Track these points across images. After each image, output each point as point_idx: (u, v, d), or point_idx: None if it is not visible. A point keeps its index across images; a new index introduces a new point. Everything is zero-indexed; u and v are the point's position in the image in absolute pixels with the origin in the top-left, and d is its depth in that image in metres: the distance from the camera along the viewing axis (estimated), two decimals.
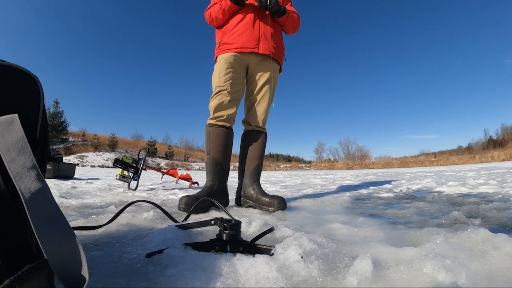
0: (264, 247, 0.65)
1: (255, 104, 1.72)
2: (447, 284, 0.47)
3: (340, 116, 73.47)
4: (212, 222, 0.73)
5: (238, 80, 1.66)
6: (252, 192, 1.64)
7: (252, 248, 0.66)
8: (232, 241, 0.67)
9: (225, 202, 1.67)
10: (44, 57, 70.27)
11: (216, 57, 1.71)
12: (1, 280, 0.33)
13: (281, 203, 1.51)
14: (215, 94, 1.63)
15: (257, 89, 1.71)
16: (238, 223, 0.69)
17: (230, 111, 1.63)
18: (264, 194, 1.60)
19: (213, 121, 1.63)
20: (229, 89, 1.61)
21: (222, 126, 1.64)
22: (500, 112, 56.91)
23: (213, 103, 1.63)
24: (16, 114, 0.44)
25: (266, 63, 1.69)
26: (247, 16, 1.63)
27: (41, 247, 0.36)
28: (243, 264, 0.55)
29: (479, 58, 72.28)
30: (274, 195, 1.58)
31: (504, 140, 35.96)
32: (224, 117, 1.62)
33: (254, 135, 1.73)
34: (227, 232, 0.67)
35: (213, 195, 1.56)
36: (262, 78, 1.70)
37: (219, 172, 1.63)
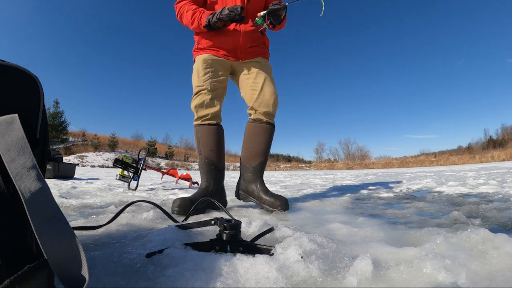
0: (264, 247, 0.65)
1: (260, 89, 1.58)
2: (447, 284, 0.47)
3: (340, 116, 73.46)
4: (212, 222, 0.73)
5: (218, 78, 1.60)
6: (255, 188, 1.57)
7: (252, 248, 0.66)
8: (232, 241, 0.67)
9: (223, 203, 1.62)
10: (44, 57, 70.35)
11: (195, 58, 1.66)
12: (1, 280, 0.33)
13: (283, 204, 1.45)
14: (195, 94, 1.60)
15: (254, 75, 1.61)
16: (238, 223, 0.69)
17: (214, 109, 1.60)
18: (267, 192, 1.53)
19: (199, 122, 1.61)
20: (208, 88, 1.58)
21: (209, 125, 1.60)
22: (500, 112, 56.92)
23: (194, 103, 1.60)
24: (16, 114, 0.44)
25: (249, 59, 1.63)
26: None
27: (41, 247, 0.36)
28: (243, 264, 0.55)
29: (480, 58, 72.26)
30: (277, 195, 1.51)
31: (504, 140, 35.96)
32: (209, 116, 1.59)
33: (262, 126, 1.59)
34: (227, 232, 0.67)
35: (209, 197, 1.53)
36: (253, 68, 1.62)
37: (213, 172, 1.59)
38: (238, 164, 1.76)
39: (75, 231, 0.41)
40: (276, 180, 5.78)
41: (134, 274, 0.56)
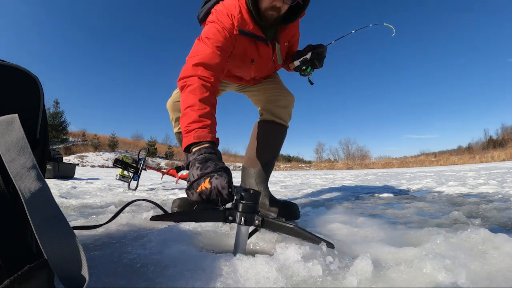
0: (284, 224, 0.60)
1: (281, 95, 1.46)
2: (447, 284, 0.47)
3: (340, 116, 73.53)
4: (222, 209, 0.66)
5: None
6: None
7: (270, 224, 0.61)
8: (249, 212, 0.61)
9: None
10: (44, 57, 70.37)
11: None
12: (1, 280, 0.33)
13: (292, 213, 1.21)
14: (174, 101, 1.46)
15: (269, 83, 1.50)
16: (257, 193, 0.62)
17: None
18: (273, 201, 1.29)
19: (177, 129, 1.48)
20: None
21: None
22: (500, 112, 57.07)
23: (171, 114, 1.48)
24: (16, 114, 0.44)
25: None
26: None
27: (41, 247, 0.36)
28: (243, 264, 0.55)
29: (481, 57, 72.54)
30: (285, 202, 1.27)
31: (504, 140, 35.96)
32: None
33: (274, 127, 1.43)
34: (243, 202, 0.61)
35: None
36: (266, 82, 1.50)
37: None
38: (238, 164, 1.72)
39: (75, 231, 0.41)
40: (276, 180, 5.78)
41: (134, 274, 0.56)
